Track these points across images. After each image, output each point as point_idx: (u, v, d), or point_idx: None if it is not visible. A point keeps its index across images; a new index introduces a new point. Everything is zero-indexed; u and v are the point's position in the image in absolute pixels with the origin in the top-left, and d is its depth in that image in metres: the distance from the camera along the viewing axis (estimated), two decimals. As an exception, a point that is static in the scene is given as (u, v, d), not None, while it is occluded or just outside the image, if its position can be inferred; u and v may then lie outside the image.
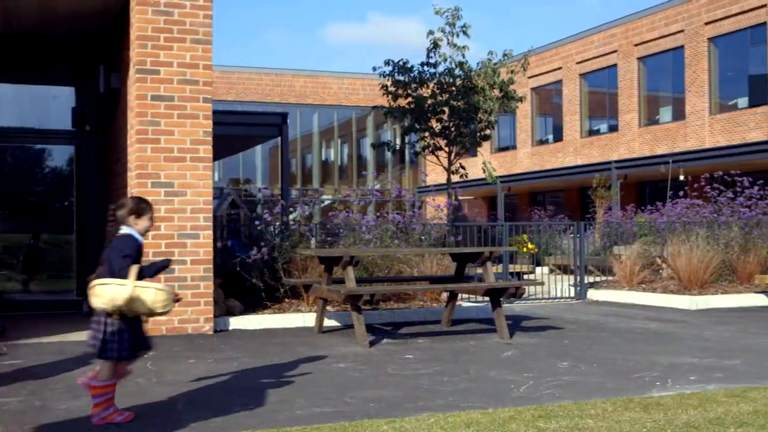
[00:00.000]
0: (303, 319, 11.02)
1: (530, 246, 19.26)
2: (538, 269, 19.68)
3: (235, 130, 15.84)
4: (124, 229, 5.76)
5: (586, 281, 15.66)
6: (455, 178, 19.28)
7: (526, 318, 11.97)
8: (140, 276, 5.53)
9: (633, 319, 11.80)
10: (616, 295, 14.92)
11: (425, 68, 18.48)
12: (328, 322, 10.88)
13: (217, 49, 15.29)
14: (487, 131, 18.68)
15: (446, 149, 18.51)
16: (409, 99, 18.30)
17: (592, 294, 15.30)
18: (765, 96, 28.17)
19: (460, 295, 11.78)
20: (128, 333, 5.59)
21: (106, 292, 5.42)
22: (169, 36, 10.11)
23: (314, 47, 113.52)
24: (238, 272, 11.42)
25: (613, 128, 35.05)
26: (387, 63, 18.37)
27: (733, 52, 29.84)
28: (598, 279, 16.91)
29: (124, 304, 5.40)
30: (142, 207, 5.84)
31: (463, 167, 18.68)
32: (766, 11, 27.99)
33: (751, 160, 24.45)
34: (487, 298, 10.77)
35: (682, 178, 24.71)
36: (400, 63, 18.41)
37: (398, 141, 20.21)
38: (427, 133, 18.52)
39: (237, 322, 10.68)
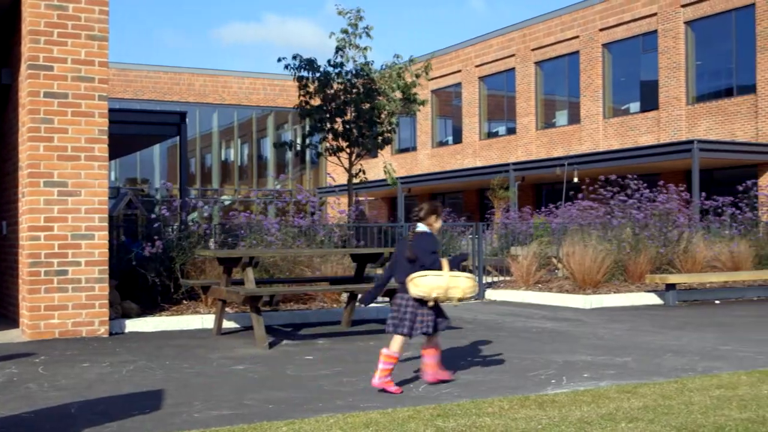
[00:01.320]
0: (201, 320, 10.89)
1: (430, 247, 19.41)
2: (438, 270, 19.87)
3: (132, 128, 15.53)
4: (421, 227, 6.82)
5: (484, 281, 15.88)
6: (356, 180, 19.32)
7: (426, 318, 12.05)
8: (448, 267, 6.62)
9: (530, 319, 12.02)
10: (514, 294, 15.18)
11: (332, 68, 18.48)
12: (228, 324, 10.77)
13: (113, 47, 14.93)
14: (389, 134, 18.79)
15: (348, 150, 18.54)
16: (319, 98, 18.27)
17: (491, 294, 15.53)
18: (656, 101, 29.10)
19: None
20: (433, 315, 6.70)
21: (426, 283, 6.50)
22: (63, 31, 9.85)
23: (209, 47, 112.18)
24: (135, 274, 11.21)
25: (511, 131, 35.67)
26: (294, 57, 18.30)
27: (625, 59, 30.74)
28: (496, 279, 17.17)
29: (442, 292, 6.51)
30: (439, 208, 6.99)
31: (363, 171, 18.74)
32: (657, 19, 28.92)
33: (643, 163, 25.22)
34: (387, 299, 10.82)
35: (576, 180, 25.30)
36: (308, 60, 18.36)
37: (299, 141, 20.12)
38: (329, 135, 18.53)
39: (133, 325, 10.48)
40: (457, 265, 6.76)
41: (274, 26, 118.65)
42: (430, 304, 6.64)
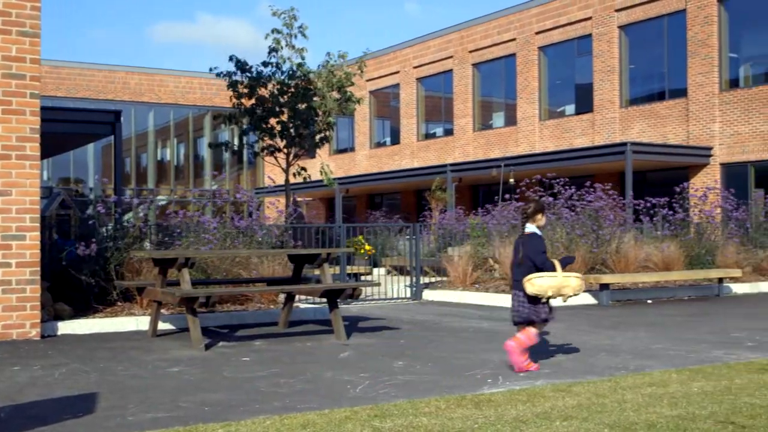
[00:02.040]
0: (136, 322, 10.75)
1: (367, 247, 19.46)
2: (376, 270, 19.91)
3: (66, 127, 15.27)
4: (530, 228, 7.58)
5: (422, 282, 15.95)
6: (295, 180, 19.24)
7: (364, 319, 12.08)
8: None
9: (467, 319, 12.10)
10: (451, 295, 15.27)
11: (266, 69, 18.37)
12: (163, 326, 10.65)
13: (45, 44, 14.64)
14: (327, 133, 18.75)
15: (285, 151, 18.46)
16: (253, 99, 18.15)
17: (428, 294, 15.60)
18: (590, 104, 29.53)
19: (297, 296, 11.77)
20: (544, 306, 7.53)
21: (541, 283, 7.33)
22: (-6, 28, 9.64)
23: (143, 46, 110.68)
24: (68, 275, 11.01)
25: (448, 132, 35.88)
26: (230, 59, 18.15)
27: (561, 62, 31.14)
28: (433, 279, 17.25)
29: (555, 290, 7.35)
30: (544, 206, 7.69)
31: (304, 169, 18.67)
32: (592, 23, 29.35)
33: (578, 164, 25.57)
34: (324, 300, 10.81)
35: (512, 181, 25.54)
36: (242, 62, 18.24)
37: (236, 141, 19.96)
38: (266, 135, 18.42)
39: (66, 327, 10.30)
40: (564, 265, 7.52)
41: (207, 26, 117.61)
42: (543, 300, 7.49)
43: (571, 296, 7.50)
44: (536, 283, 7.34)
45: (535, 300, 7.47)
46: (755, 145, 24.70)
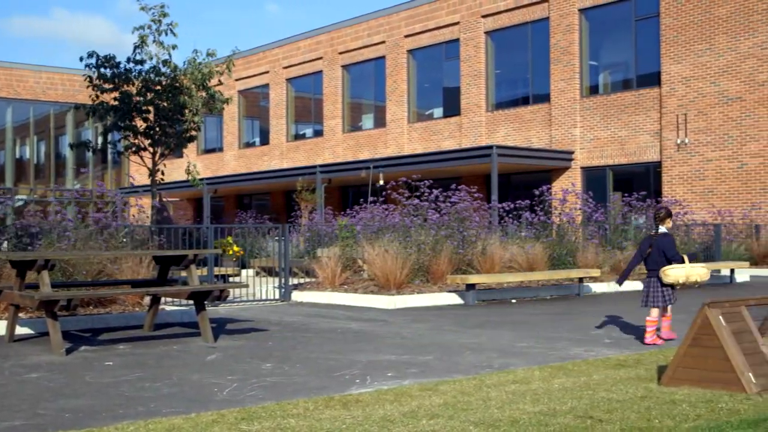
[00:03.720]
0: (-8, 327, 10.31)
1: (236, 248, 19.26)
2: (244, 272, 19.71)
3: None
4: (662, 229, 9.50)
5: (291, 283, 15.88)
6: (163, 180, 18.85)
7: (232, 321, 11.95)
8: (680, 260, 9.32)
9: (336, 320, 12.13)
10: (320, 296, 15.27)
11: (132, 65, 17.90)
12: (21, 330, 10.25)
13: None
14: (193, 132, 18.43)
15: (150, 150, 18.05)
16: (115, 95, 17.63)
17: (297, 296, 15.55)
18: (458, 107, 30.08)
19: (163, 299, 11.53)
20: (669, 292, 9.35)
21: (674, 273, 9.11)
22: None
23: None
24: None
25: (318, 133, 35.90)
26: (90, 55, 17.61)
27: (430, 65, 31.61)
28: (303, 281, 17.20)
29: (684, 279, 9.10)
30: (672, 212, 9.69)
31: (162, 171, 18.27)
32: (460, 28, 29.90)
33: (445, 166, 26.02)
34: (191, 302, 10.64)
35: (381, 182, 25.77)
36: (107, 57, 17.71)
37: (100, 140, 19.39)
38: (130, 133, 17.95)
39: None
40: (691, 259, 9.35)
41: (63, 21, 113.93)
42: (676, 287, 9.36)
43: (699, 282, 9.28)
44: (670, 273, 9.11)
45: (667, 287, 9.26)
46: (613, 150, 25.68)
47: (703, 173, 23.95)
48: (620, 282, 10.16)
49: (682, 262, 9.26)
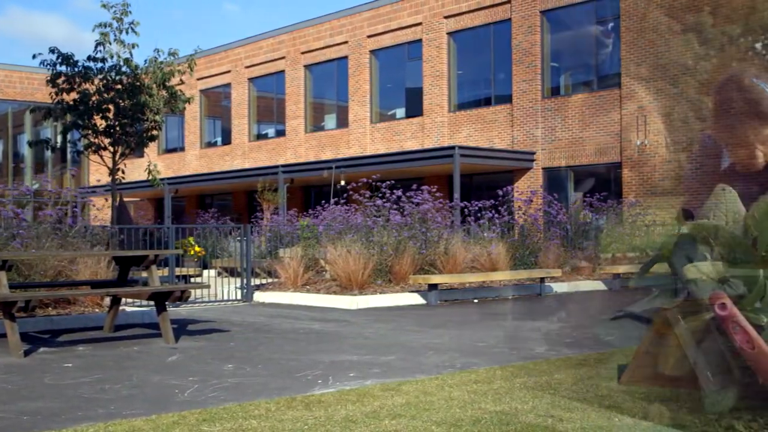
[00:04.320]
0: (-52, 328, 10.15)
1: (197, 249, 19.15)
2: (206, 272, 19.62)
3: None
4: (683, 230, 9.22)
5: (253, 283, 15.83)
6: (118, 179, 18.66)
7: (193, 321, 11.88)
8: None
9: (298, 320, 12.10)
10: (282, 296, 15.23)
11: (92, 63, 17.71)
12: (-22, 332, 10.10)
13: None
14: (154, 131, 18.28)
15: (111, 149, 17.87)
16: (73, 94, 17.44)
17: (259, 296, 15.50)
18: (420, 108, 30.15)
19: (124, 299, 11.43)
20: None
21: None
22: None
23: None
24: None
25: (280, 133, 35.80)
26: (52, 51, 17.39)
27: (392, 65, 31.65)
28: (265, 281, 17.15)
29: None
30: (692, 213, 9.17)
31: (122, 171, 18.10)
32: (422, 29, 29.97)
33: (408, 167, 26.06)
34: (152, 302, 10.55)
35: (343, 183, 25.75)
36: (65, 55, 17.50)
37: (59, 139, 19.16)
38: (90, 132, 17.76)
39: None
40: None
41: (19, 19, 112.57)
42: None
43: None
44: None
45: None
46: (574, 151, 25.86)
47: (663, 174, 24.21)
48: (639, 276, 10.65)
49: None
